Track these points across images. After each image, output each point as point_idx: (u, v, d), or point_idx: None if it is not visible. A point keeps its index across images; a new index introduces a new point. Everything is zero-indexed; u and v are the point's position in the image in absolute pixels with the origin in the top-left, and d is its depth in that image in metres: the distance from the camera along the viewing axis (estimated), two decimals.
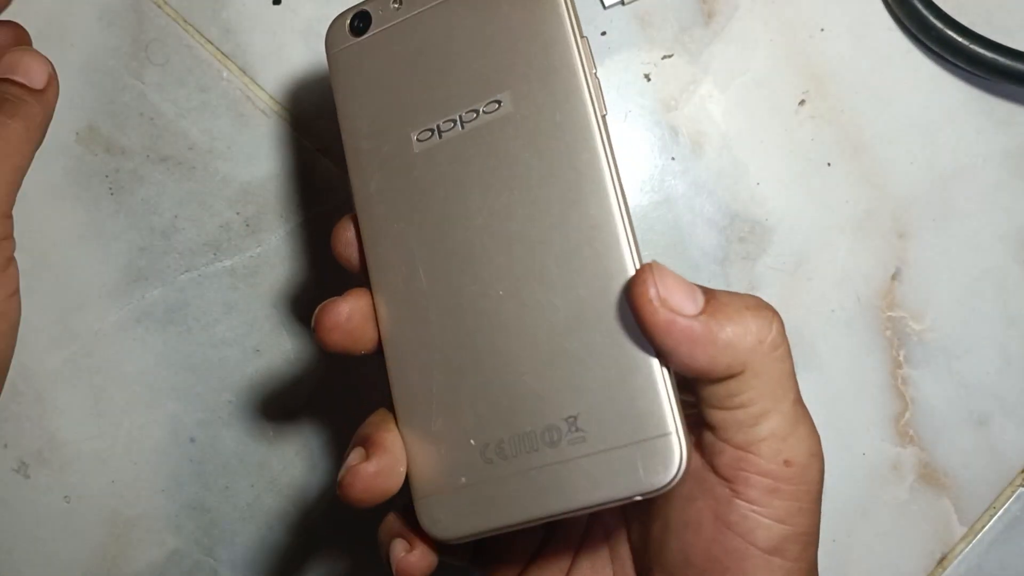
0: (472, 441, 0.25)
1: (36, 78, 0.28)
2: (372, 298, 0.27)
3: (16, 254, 0.28)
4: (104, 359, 0.38)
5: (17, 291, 0.27)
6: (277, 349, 0.37)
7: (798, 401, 0.23)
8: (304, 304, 0.37)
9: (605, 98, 0.25)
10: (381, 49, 0.28)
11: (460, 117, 0.26)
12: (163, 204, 0.37)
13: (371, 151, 0.27)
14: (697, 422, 0.24)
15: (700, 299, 0.22)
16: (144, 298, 0.37)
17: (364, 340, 0.26)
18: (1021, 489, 0.36)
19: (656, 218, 0.36)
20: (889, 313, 0.36)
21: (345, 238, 0.27)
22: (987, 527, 0.36)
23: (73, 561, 0.38)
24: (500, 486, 0.24)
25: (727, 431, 0.23)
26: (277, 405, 0.38)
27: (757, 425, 0.22)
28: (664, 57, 0.36)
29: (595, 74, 0.25)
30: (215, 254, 0.37)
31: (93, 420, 0.38)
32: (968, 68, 0.35)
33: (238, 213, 0.37)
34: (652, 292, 0.22)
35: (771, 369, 0.22)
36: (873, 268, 0.36)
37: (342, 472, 0.25)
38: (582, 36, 0.25)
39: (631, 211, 0.24)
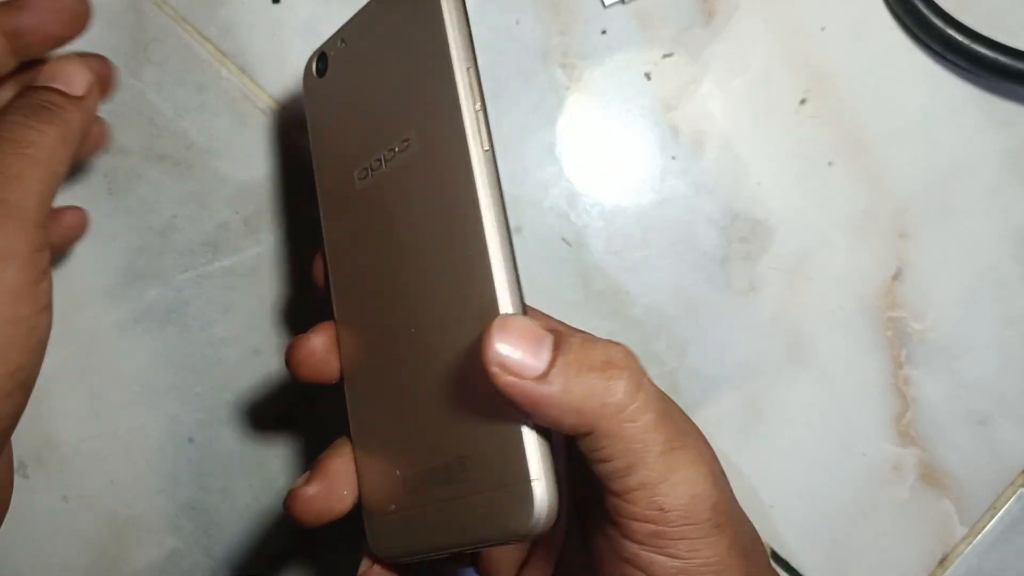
0: (397, 472, 0.25)
1: (76, 86, 0.28)
2: (336, 331, 0.28)
3: None
4: (102, 359, 0.37)
5: (49, 306, 0.26)
6: (276, 349, 0.37)
7: (667, 451, 0.22)
8: (303, 304, 0.37)
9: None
10: (335, 88, 0.28)
11: (384, 156, 0.26)
12: (161, 203, 0.37)
13: (329, 189, 0.28)
14: None
15: (546, 356, 0.21)
16: (142, 298, 0.37)
17: (329, 372, 0.28)
18: (1022, 489, 0.35)
19: (656, 218, 0.36)
20: (890, 313, 0.36)
21: (320, 271, 0.29)
22: (988, 527, 0.36)
23: (72, 561, 0.38)
24: (417, 515, 0.25)
25: (603, 479, 0.22)
26: (276, 405, 0.37)
27: (627, 476, 0.22)
28: (664, 56, 0.36)
29: (481, 107, 0.24)
30: (213, 254, 0.37)
31: (92, 420, 0.37)
32: (969, 67, 0.35)
33: (236, 212, 0.37)
34: (491, 354, 0.21)
35: (621, 431, 0.21)
36: (874, 268, 0.36)
37: (286, 494, 0.26)
38: (470, 67, 0.24)
39: (515, 247, 0.24)
